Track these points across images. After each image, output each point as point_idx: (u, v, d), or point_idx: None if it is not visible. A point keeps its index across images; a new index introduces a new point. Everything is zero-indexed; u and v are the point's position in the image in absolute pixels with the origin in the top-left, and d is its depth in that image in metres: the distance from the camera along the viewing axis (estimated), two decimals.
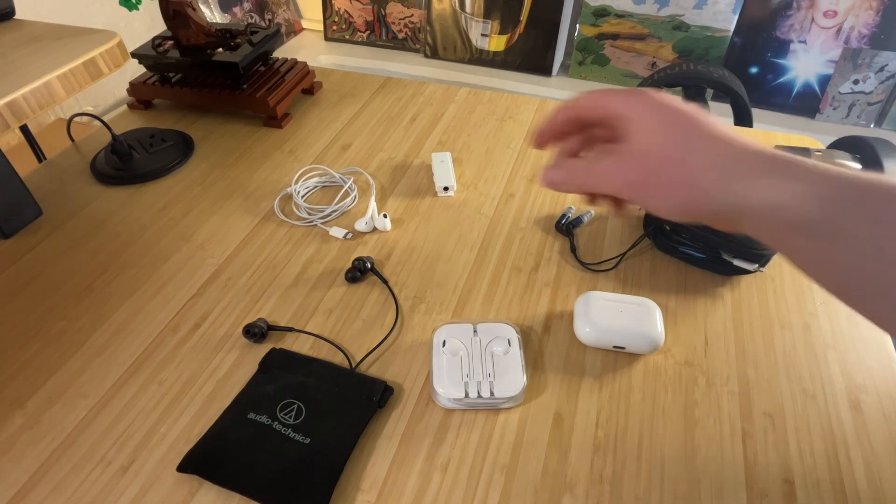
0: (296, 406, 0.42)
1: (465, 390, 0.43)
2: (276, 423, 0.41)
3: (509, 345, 0.45)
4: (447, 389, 0.43)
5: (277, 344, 0.48)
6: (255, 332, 0.47)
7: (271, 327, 0.49)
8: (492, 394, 0.42)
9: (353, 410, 0.42)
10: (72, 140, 0.73)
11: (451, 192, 0.63)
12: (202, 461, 0.39)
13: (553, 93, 1.39)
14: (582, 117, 0.38)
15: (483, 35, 1.45)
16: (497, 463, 0.40)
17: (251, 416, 0.42)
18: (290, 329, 0.49)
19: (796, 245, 0.30)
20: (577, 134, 0.39)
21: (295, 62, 0.80)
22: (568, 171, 0.37)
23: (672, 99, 0.35)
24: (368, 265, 0.53)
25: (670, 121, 0.34)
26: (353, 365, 0.46)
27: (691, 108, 0.34)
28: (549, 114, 0.38)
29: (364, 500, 0.38)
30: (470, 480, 0.39)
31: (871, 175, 0.28)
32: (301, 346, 0.48)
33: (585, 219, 0.59)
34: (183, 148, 0.70)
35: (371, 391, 0.43)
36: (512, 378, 0.43)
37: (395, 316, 0.50)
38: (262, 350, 0.47)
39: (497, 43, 1.45)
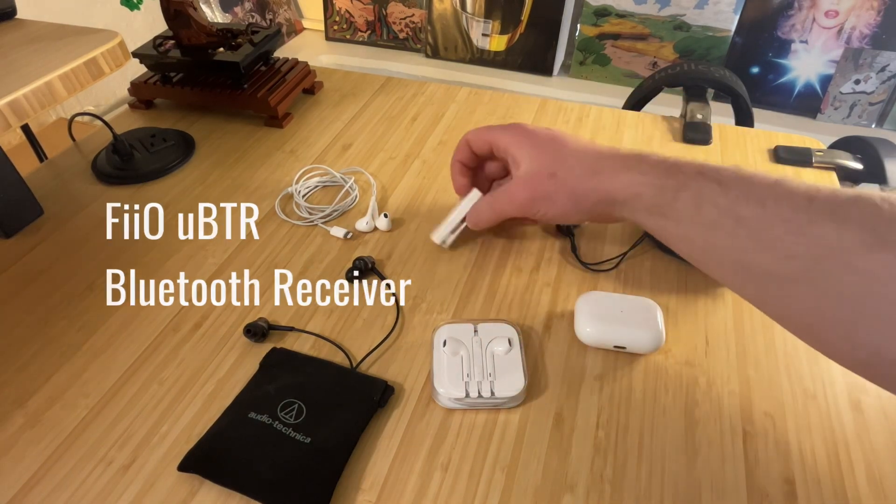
0: (296, 405, 0.42)
1: (466, 390, 0.43)
2: (276, 422, 0.41)
3: (510, 344, 0.45)
4: (448, 389, 0.43)
5: (278, 343, 0.48)
6: (256, 331, 0.47)
7: (272, 327, 0.49)
8: (492, 393, 0.42)
9: (353, 410, 0.42)
10: (73, 139, 0.73)
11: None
12: (203, 460, 0.39)
13: (554, 93, 1.39)
14: (476, 152, 0.49)
15: (484, 35, 1.45)
16: (497, 462, 0.40)
17: (252, 415, 0.42)
18: (291, 329, 0.49)
19: (654, 224, 0.40)
20: (483, 165, 0.52)
21: (296, 62, 0.80)
22: (478, 211, 0.50)
23: (539, 127, 0.46)
24: (369, 265, 0.54)
25: (542, 145, 0.44)
26: (354, 364, 0.46)
27: (556, 131, 0.46)
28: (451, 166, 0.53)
29: (364, 499, 0.38)
30: (470, 480, 0.39)
31: (697, 165, 0.38)
32: (302, 345, 0.48)
33: None
34: (184, 148, 0.70)
35: (371, 391, 0.43)
36: (512, 378, 0.43)
37: (396, 316, 0.50)
38: (263, 350, 0.47)
39: (498, 43, 1.45)
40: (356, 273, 0.53)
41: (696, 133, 0.71)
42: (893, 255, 0.28)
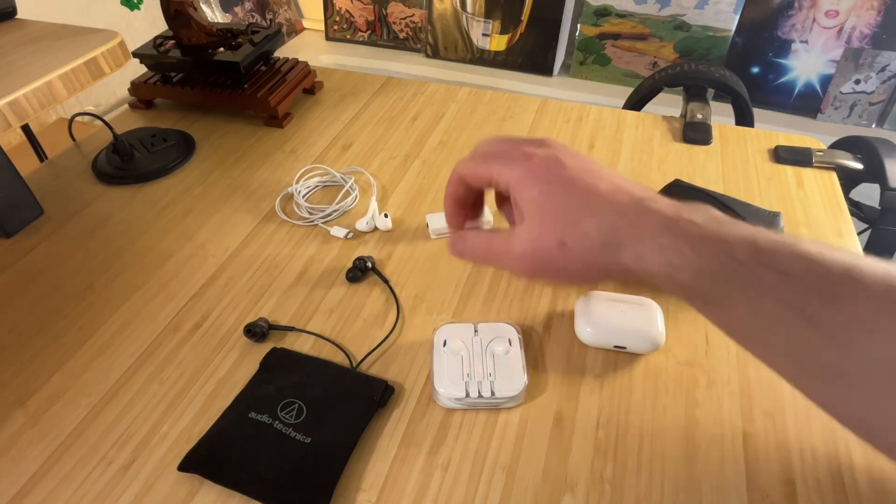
0: (297, 405, 0.42)
1: (466, 390, 0.43)
2: (277, 422, 0.41)
3: (510, 344, 0.45)
4: (448, 389, 0.43)
5: (279, 343, 0.48)
6: (257, 331, 0.47)
7: (272, 327, 0.49)
8: (493, 393, 0.42)
9: (353, 410, 0.42)
10: (73, 139, 0.73)
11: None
12: (204, 460, 0.39)
13: (554, 93, 1.39)
14: (473, 187, 0.39)
15: (484, 35, 1.45)
16: (498, 462, 0.40)
17: (252, 415, 0.42)
18: (292, 329, 0.49)
19: (695, 305, 0.33)
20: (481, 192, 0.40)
21: (296, 62, 0.80)
22: (468, 246, 0.39)
23: (548, 155, 0.35)
24: (369, 264, 0.54)
25: (551, 192, 0.34)
26: (354, 364, 0.46)
27: (566, 162, 0.35)
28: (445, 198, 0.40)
29: (365, 499, 0.38)
30: (470, 480, 0.39)
31: (752, 243, 0.30)
32: (302, 345, 0.48)
33: None
34: (184, 147, 0.70)
35: (371, 390, 0.43)
36: (513, 378, 0.43)
37: (396, 315, 0.50)
38: (264, 349, 0.47)
39: (498, 43, 1.45)
40: (356, 273, 0.53)
41: (696, 133, 0.71)
42: None
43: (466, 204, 0.40)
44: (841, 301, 0.27)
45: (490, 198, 0.41)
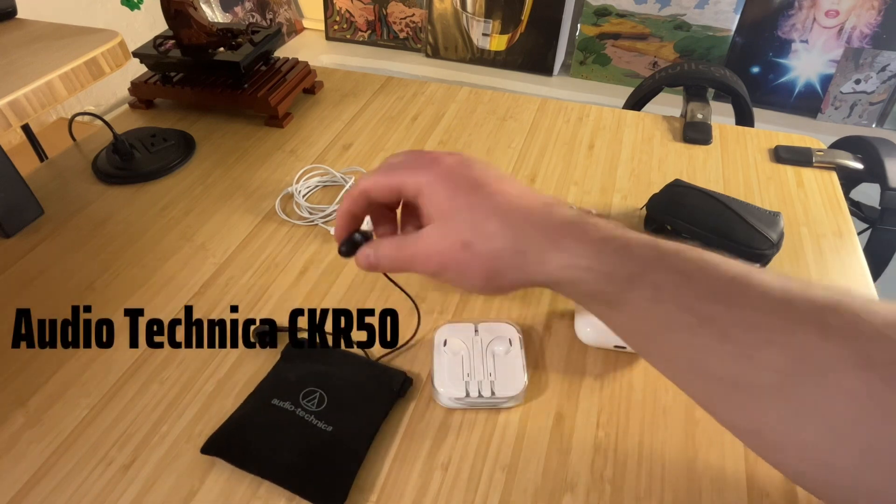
0: (318, 394, 0.43)
1: (466, 390, 0.43)
2: (299, 409, 0.42)
3: (510, 344, 0.45)
4: (448, 389, 0.43)
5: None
6: (266, 336, 0.47)
7: (280, 329, 0.49)
8: (493, 393, 0.42)
9: (373, 399, 0.43)
10: (73, 139, 0.73)
11: None
12: (226, 445, 0.40)
13: (554, 92, 1.39)
14: (379, 202, 0.38)
15: (484, 34, 1.45)
16: (498, 462, 0.40)
17: (275, 402, 0.42)
18: (300, 329, 0.49)
19: (595, 310, 0.33)
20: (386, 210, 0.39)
21: (296, 62, 0.80)
22: (378, 253, 0.37)
23: (460, 162, 0.35)
24: None
25: (459, 195, 0.34)
26: (368, 356, 0.46)
27: (478, 170, 0.35)
28: (339, 210, 0.38)
29: (365, 498, 0.38)
30: (471, 480, 0.39)
31: (652, 246, 0.31)
32: None
33: None
34: (184, 147, 0.70)
35: (391, 381, 0.44)
36: (513, 377, 0.43)
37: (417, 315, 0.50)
38: (265, 350, 0.47)
39: (498, 42, 1.45)
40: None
41: (696, 133, 0.71)
42: (879, 377, 0.25)
43: (358, 221, 0.39)
44: (738, 304, 0.28)
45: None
